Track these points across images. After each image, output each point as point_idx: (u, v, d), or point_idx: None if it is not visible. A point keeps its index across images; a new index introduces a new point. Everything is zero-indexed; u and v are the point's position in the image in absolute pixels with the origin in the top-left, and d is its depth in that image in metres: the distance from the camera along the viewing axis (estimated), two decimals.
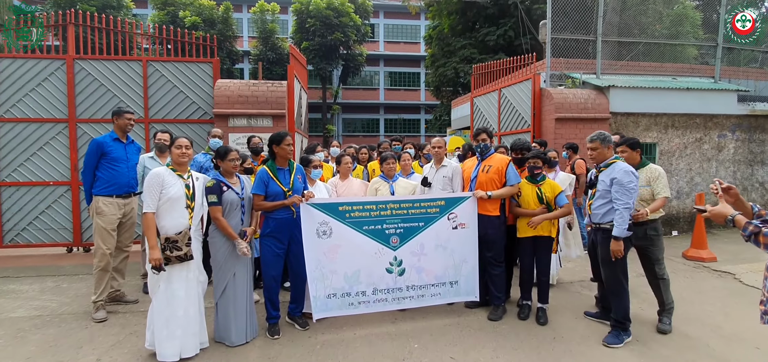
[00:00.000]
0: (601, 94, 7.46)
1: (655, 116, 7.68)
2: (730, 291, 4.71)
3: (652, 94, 7.54)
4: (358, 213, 3.66)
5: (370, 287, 3.70)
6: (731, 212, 1.96)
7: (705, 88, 7.88)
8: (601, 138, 3.45)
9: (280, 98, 6.22)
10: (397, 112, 31.15)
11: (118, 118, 4.01)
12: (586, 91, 7.47)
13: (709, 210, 2.03)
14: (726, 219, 1.95)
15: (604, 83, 7.48)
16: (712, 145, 8.03)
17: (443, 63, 16.41)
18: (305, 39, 22.40)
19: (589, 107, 7.27)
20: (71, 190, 6.10)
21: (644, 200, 3.61)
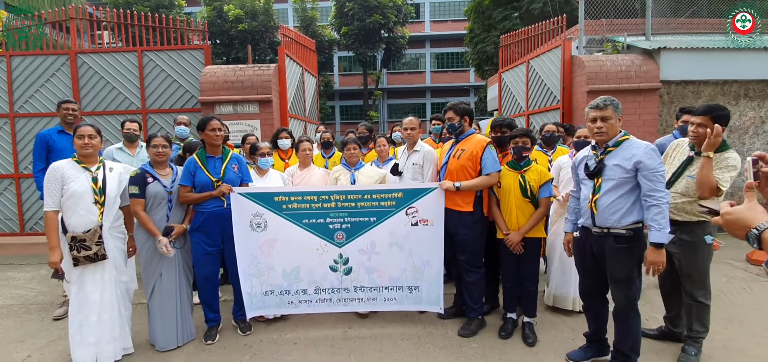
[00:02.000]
0: (650, 59, 6.14)
1: (722, 84, 6.17)
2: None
3: (719, 56, 6.05)
4: (297, 204, 3.17)
5: (312, 285, 3.23)
6: (761, 220, 1.02)
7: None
8: (614, 104, 2.48)
9: (265, 82, 5.87)
10: (445, 95, 29.90)
11: (59, 110, 3.89)
12: (629, 56, 6.20)
13: (724, 214, 1.11)
14: (748, 233, 1.04)
15: (654, 45, 6.14)
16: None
17: (483, 38, 15.13)
18: (345, 24, 22.10)
19: (632, 75, 6.01)
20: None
21: (693, 197, 2.59)
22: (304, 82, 7.36)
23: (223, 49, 21.83)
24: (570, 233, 2.81)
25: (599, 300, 2.74)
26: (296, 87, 6.91)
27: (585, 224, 2.62)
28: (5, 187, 6.38)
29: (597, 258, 2.59)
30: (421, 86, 29.90)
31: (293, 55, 6.89)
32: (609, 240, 2.48)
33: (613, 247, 2.46)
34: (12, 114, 6.29)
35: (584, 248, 2.66)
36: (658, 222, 2.30)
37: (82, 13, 6.29)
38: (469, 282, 3.22)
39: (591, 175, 2.55)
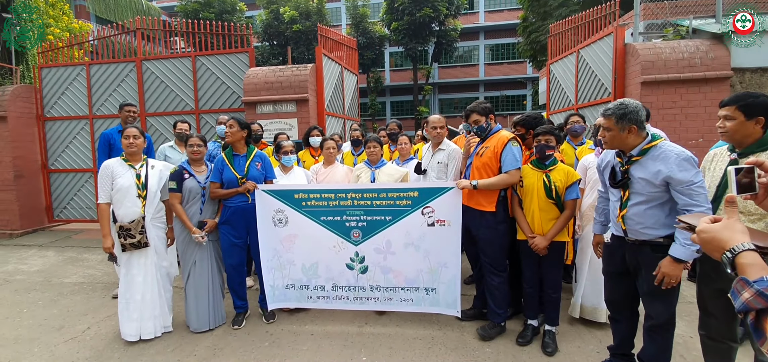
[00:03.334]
0: (719, 45, 5.44)
1: None
2: None
3: None
4: (315, 202, 3.27)
5: (329, 282, 3.33)
6: (739, 241, 0.88)
7: None
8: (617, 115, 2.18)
9: (302, 82, 6.08)
10: (499, 88, 28.82)
11: (120, 112, 4.34)
12: (693, 42, 5.54)
13: (699, 231, 0.95)
14: (723, 255, 0.90)
15: (725, 28, 5.43)
16: None
17: (537, 27, 14.33)
18: (395, 19, 22.14)
19: (696, 63, 5.37)
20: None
21: (755, 214, 2.00)
22: (343, 80, 7.52)
23: (279, 49, 22.93)
24: (600, 235, 2.59)
25: (629, 311, 2.50)
26: (334, 85, 7.08)
27: (616, 233, 2.40)
28: (86, 180, 7.29)
29: (631, 268, 2.35)
30: (474, 80, 29.05)
31: (332, 54, 7.06)
32: (645, 249, 2.24)
33: (650, 257, 2.21)
34: (91, 115, 7.16)
35: (614, 254, 2.43)
36: (685, 236, 2.04)
37: (155, 23, 6.96)
38: (493, 285, 3.11)
39: (616, 185, 2.31)
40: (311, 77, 6.32)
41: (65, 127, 7.29)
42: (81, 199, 7.35)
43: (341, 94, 7.47)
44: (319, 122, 6.42)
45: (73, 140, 7.29)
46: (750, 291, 0.78)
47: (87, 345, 3.25)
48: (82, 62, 7.18)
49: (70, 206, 7.41)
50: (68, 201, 7.40)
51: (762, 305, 0.76)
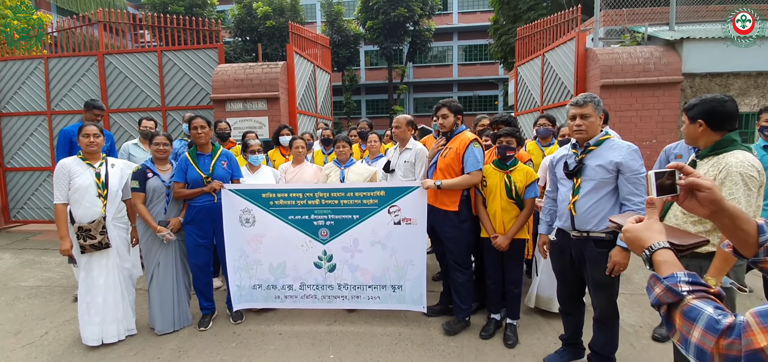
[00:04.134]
0: (671, 51, 5.79)
1: (756, 76, 5.73)
2: None
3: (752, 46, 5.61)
4: (283, 201, 3.28)
5: (297, 281, 3.35)
6: (656, 240, 0.93)
7: None
8: (594, 101, 2.40)
9: (273, 80, 6.04)
10: (472, 89, 29.37)
11: (87, 111, 4.19)
12: (648, 48, 5.87)
13: (624, 230, 1.02)
14: (642, 251, 0.96)
15: (677, 35, 5.78)
16: None
17: (507, 29, 14.69)
18: (370, 18, 22.17)
19: (650, 69, 5.70)
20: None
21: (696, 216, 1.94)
22: (316, 78, 7.50)
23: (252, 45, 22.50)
24: (545, 235, 2.75)
25: (577, 304, 2.68)
26: (306, 83, 7.06)
27: (563, 227, 2.54)
28: (44, 179, 6.96)
29: (576, 263, 2.52)
30: (448, 79, 29.48)
31: (305, 52, 7.04)
32: (589, 244, 2.40)
33: (594, 252, 2.38)
34: (49, 111, 6.84)
35: (563, 253, 2.59)
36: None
37: (120, 16, 6.71)
38: (458, 282, 3.22)
39: (570, 174, 2.47)
40: (282, 75, 6.28)
41: (22, 123, 6.93)
42: (39, 199, 7.02)
43: (314, 92, 7.45)
44: (291, 121, 6.39)
45: (30, 137, 6.94)
46: (660, 286, 0.84)
47: (45, 350, 3.14)
48: (40, 55, 6.84)
49: (27, 206, 7.06)
50: (25, 201, 7.05)
51: (671, 299, 0.81)
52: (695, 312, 0.76)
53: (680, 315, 0.79)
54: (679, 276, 0.82)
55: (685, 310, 0.78)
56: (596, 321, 2.50)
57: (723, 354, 0.70)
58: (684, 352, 0.78)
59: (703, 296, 0.78)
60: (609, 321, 2.45)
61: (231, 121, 6.00)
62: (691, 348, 0.76)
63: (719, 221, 0.95)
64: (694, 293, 0.79)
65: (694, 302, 0.77)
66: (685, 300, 0.79)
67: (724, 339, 0.70)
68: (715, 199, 0.92)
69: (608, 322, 2.45)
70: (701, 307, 0.75)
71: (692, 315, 0.76)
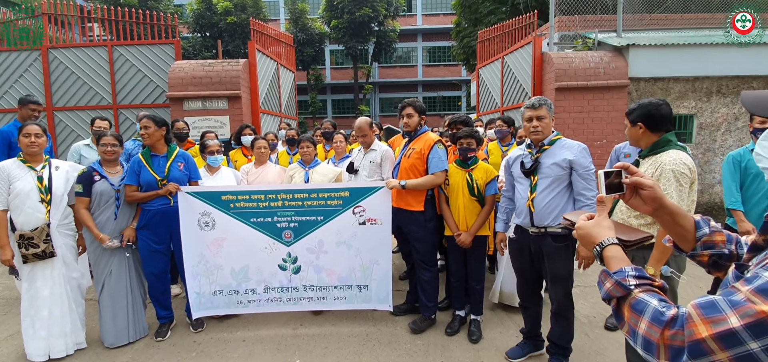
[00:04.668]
0: (619, 56, 6.17)
1: (693, 80, 6.23)
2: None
3: (689, 53, 6.10)
4: (245, 203, 3.19)
5: (261, 284, 3.27)
6: (605, 236, 0.98)
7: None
8: (548, 104, 2.54)
9: (234, 78, 5.87)
10: (436, 89, 29.87)
11: (21, 108, 3.88)
12: (598, 53, 6.23)
13: (577, 228, 1.06)
14: (594, 247, 1.00)
15: (623, 42, 6.17)
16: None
17: (469, 32, 15.08)
18: (334, 17, 22.00)
19: (600, 73, 6.05)
20: None
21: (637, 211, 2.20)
22: (279, 76, 7.35)
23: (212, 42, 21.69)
24: (502, 233, 2.86)
25: (535, 299, 2.81)
26: (270, 82, 6.91)
27: (522, 224, 2.65)
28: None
29: (535, 259, 2.64)
30: (413, 80, 29.82)
31: (268, 50, 6.88)
32: (547, 239, 2.52)
33: (552, 247, 2.51)
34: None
35: (522, 249, 2.70)
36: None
37: (67, 8, 6.24)
38: (424, 280, 3.27)
39: (527, 173, 2.59)
40: (244, 73, 6.10)
41: None
42: None
43: (277, 91, 7.30)
44: (254, 120, 6.23)
45: None
46: (610, 281, 0.86)
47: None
48: None
49: None
50: None
51: (620, 293, 0.84)
52: (641, 304, 0.79)
53: (628, 308, 0.82)
54: (627, 271, 0.86)
55: (633, 303, 0.81)
56: (554, 314, 2.62)
57: (668, 345, 0.73)
58: (632, 344, 0.81)
59: (649, 289, 0.82)
60: (565, 313, 2.58)
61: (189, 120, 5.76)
62: (638, 340, 0.78)
63: (660, 217, 1.01)
64: (640, 287, 0.83)
65: (641, 295, 0.81)
66: (633, 294, 0.82)
67: (669, 330, 0.73)
68: (656, 197, 0.98)
69: (565, 314, 2.58)
70: (647, 300, 0.79)
71: (639, 308, 0.79)
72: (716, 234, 1.00)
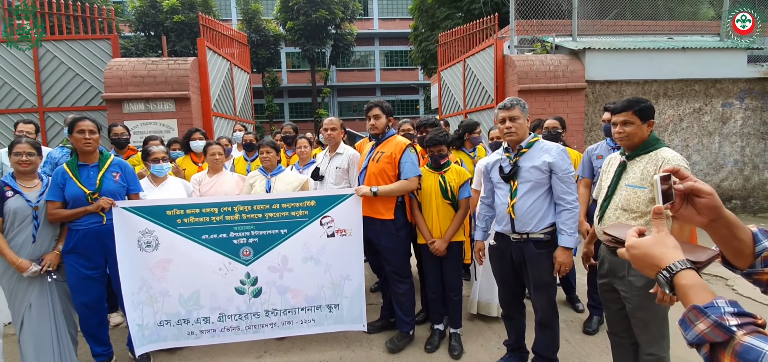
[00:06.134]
0: (576, 59, 6.34)
1: (643, 83, 6.53)
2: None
3: (639, 57, 6.38)
4: (194, 218, 2.79)
5: (215, 312, 2.87)
6: (673, 258, 0.78)
7: (707, 48, 6.66)
8: (521, 104, 2.42)
9: (182, 77, 5.34)
10: (394, 93, 29.96)
11: None
12: (556, 56, 6.36)
13: (629, 247, 0.86)
14: (658, 274, 0.79)
15: (580, 46, 6.34)
16: (715, 116, 6.83)
17: (427, 37, 15.18)
18: (290, 18, 21.36)
19: (560, 75, 6.17)
20: None
21: (637, 212, 2.02)
22: (233, 77, 6.85)
23: (157, 41, 20.28)
24: (481, 241, 2.70)
25: (519, 307, 2.66)
26: (223, 83, 6.40)
27: (503, 231, 2.50)
28: None
29: (517, 266, 2.50)
30: (371, 83, 29.72)
31: (219, 48, 6.37)
32: (529, 246, 2.39)
33: (534, 253, 2.38)
34: None
35: (504, 257, 2.54)
36: (569, 227, 2.30)
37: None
38: (399, 294, 3.03)
39: (507, 177, 2.45)
40: (193, 73, 5.58)
41: None
42: None
43: (231, 93, 6.79)
44: (205, 124, 5.71)
45: None
46: (706, 321, 0.67)
47: None
48: None
49: None
50: None
51: (721, 338, 0.64)
52: (754, 353, 0.61)
53: (732, 356, 0.63)
54: (722, 307, 0.66)
55: (739, 351, 0.62)
56: (538, 324, 2.49)
57: None
58: None
59: (755, 330, 0.64)
60: (550, 322, 2.45)
61: (130, 124, 5.16)
62: None
63: (716, 230, 0.84)
64: (744, 327, 0.64)
65: (748, 340, 0.62)
66: (737, 338, 0.63)
67: None
68: (716, 206, 0.81)
69: (550, 323, 2.45)
70: (759, 347, 0.61)
71: (751, 357, 0.61)
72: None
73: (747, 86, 6.85)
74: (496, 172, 2.52)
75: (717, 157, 6.89)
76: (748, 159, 7.00)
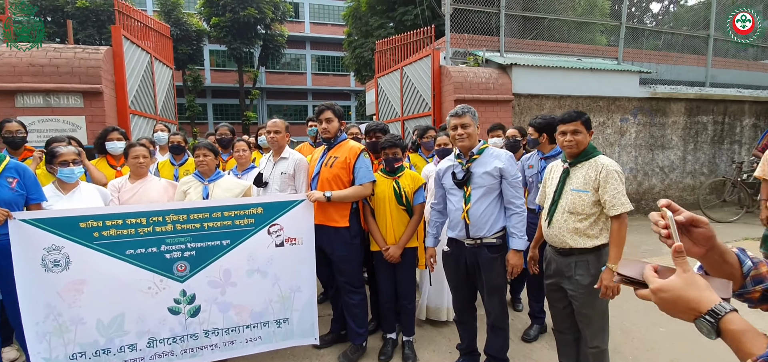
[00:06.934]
0: (504, 74, 6.81)
1: (559, 98, 7.22)
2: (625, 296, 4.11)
3: (556, 75, 7.05)
4: (116, 230, 2.42)
5: (143, 337, 2.51)
6: (712, 300, 0.73)
7: (608, 69, 7.58)
8: (471, 112, 2.48)
9: (93, 69, 4.66)
10: (326, 98, 29.60)
11: None
12: (488, 69, 6.77)
13: (656, 290, 0.78)
14: (697, 319, 0.74)
15: (507, 61, 6.83)
16: (615, 129, 7.80)
17: (361, 44, 15.29)
18: (215, 14, 20.03)
19: (491, 87, 6.57)
20: None
21: (582, 214, 2.18)
22: (154, 72, 6.17)
23: (55, 29, 17.67)
24: (433, 248, 2.73)
25: (472, 312, 2.72)
26: (141, 77, 5.72)
27: (457, 237, 2.53)
28: None
29: (470, 271, 2.55)
30: (302, 87, 29.08)
31: (137, 38, 5.69)
32: (483, 251, 2.45)
33: (487, 258, 2.44)
34: None
35: (458, 262, 2.59)
36: (519, 230, 2.40)
37: None
38: (352, 305, 2.92)
39: (460, 183, 2.49)
40: (107, 63, 4.89)
41: None
42: None
43: (152, 89, 6.10)
44: (121, 122, 5.04)
45: None
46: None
47: None
48: None
49: None
50: None
51: None
52: None
53: None
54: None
55: None
56: (491, 326, 2.57)
57: None
58: None
59: None
60: (502, 324, 2.54)
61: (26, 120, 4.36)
62: None
63: (710, 259, 0.87)
64: None
65: None
66: None
67: None
68: (712, 235, 0.85)
69: (502, 325, 2.54)
70: None
71: None
72: (761, 265, 0.88)
73: (639, 104, 7.93)
74: (449, 178, 2.56)
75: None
76: (640, 167, 8.10)
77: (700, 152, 8.51)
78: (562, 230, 2.22)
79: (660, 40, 9.52)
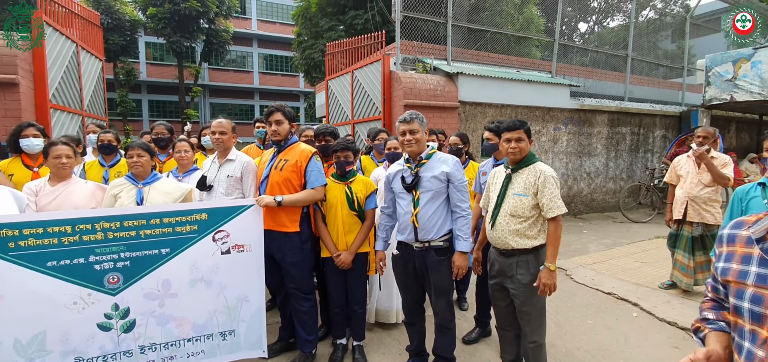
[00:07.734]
0: (451, 82, 7.08)
1: (501, 107, 7.65)
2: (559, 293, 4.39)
3: (498, 84, 7.46)
4: (36, 240, 2.19)
5: (69, 357, 2.30)
6: None
7: (543, 81, 8.16)
8: (420, 118, 2.56)
9: (8, 56, 4.15)
10: (274, 99, 28.75)
11: None
12: (436, 77, 7.00)
13: None
14: None
15: (454, 70, 7.11)
16: (549, 137, 8.41)
17: (310, 45, 15.06)
18: (152, 4, 18.67)
19: (439, 94, 6.80)
20: None
21: (522, 217, 2.35)
22: (80, 63, 5.62)
23: None
24: (382, 251, 2.78)
25: (420, 314, 2.80)
26: (65, 68, 5.19)
27: (406, 240, 2.60)
28: None
29: (419, 274, 2.62)
30: (249, 86, 28.00)
31: (61, 25, 5.16)
32: (430, 253, 2.53)
33: (435, 260, 2.53)
34: None
35: (407, 264, 2.65)
36: (464, 232, 2.50)
37: None
38: (302, 312, 2.87)
39: (409, 187, 2.56)
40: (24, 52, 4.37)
41: None
42: None
43: (77, 82, 5.55)
44: (40, 117, 4.53)
45: None
46: None
47: None
48: None
49: None
50: None
51: None
52: None
53: None
54: None
55: None
56: (438, 327, 2.66)
57: None
58: None
59: None
60: (449, 324, 2.64)
61: None
62: None
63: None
64: None
65: None
66: None
67: None
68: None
69: (449, 325, 2.64)
70: None
71: None
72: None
73: (569, 115, 8.63)
74: (399, 182, 2.62)
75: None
76: (570, 172, 8.81)
77: (620, 159, 9.43)
78: (504, 232, 2.36)
79: (587, 57, 10.45)
